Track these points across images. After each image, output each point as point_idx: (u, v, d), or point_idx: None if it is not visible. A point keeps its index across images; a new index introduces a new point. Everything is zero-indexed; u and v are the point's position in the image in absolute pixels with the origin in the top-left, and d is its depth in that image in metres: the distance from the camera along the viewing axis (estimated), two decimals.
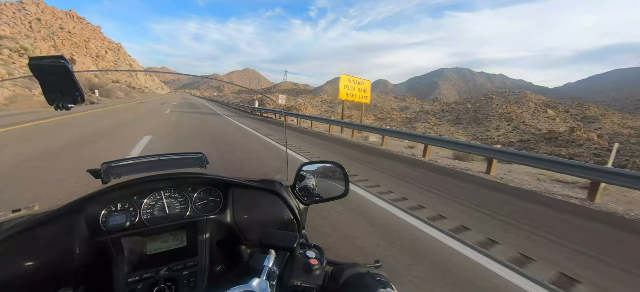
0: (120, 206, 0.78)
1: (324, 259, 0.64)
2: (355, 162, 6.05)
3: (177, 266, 0.73)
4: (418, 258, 2.17)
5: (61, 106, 0.58)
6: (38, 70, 0.53)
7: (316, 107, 52.41)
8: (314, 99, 66.36)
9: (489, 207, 3.55)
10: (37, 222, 0.67)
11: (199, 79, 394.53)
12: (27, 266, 0.63)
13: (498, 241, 2.58)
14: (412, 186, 4.48)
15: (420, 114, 42.82)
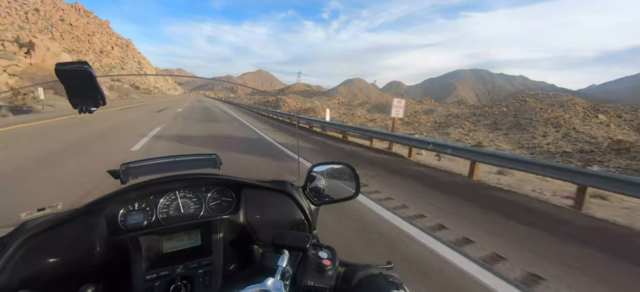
0: (137, 205, 0.81)
1: (336, 260, 0.63)
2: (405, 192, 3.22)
3: (193, 264, 0.75)
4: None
5: (84, 109, 0.60)
6: (63, 76, 0.55)
7: (333, 109, 49.61)
8: (330, 101, 63.60)
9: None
10: (60, 220, 0.71)
11: (211, 81, 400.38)
12: (51, 262, 0.67)
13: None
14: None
15: (449, 117, 39.13)
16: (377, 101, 65.02)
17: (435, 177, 5.36)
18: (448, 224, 2.94)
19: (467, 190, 4.53)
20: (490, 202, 3.89)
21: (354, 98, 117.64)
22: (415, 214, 3.19)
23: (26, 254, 0.65)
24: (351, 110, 49.42)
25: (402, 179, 4.92)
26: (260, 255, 0.89)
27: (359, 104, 56.08)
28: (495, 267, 2.21)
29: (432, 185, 4.68)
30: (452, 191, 4.35)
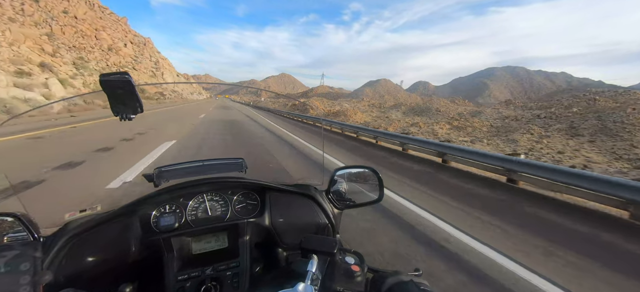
0: (168, 207, 0.84)
1: (364, 265, 0.63)
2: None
3: (221, 266, 0.77)
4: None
5: (124, 117, 0.63)
6: (107, 85, 0.58)
7: (365, 112, 45.48)
8: (360, 103, 59.54)
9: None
10: (100, 221, 0.74)
11: (236, 86, 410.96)
12: (91, 260, 0.70)
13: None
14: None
15: (506, 120, 33.52)
16: (409, 102, 59.86)
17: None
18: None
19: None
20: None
21: (381, 100, 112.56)
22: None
23: (69, 253, 0.69)
24: (385, 113, 45.12)
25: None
26: (284, 258, 0.91)
27: (393, 106, 51.50)
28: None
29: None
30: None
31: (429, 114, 44.97)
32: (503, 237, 2.71)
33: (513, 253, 2.37)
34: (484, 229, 2.86)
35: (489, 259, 2.27)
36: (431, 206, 3.46)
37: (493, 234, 2.75)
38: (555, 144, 23.24)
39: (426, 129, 29.15)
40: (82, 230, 0.72)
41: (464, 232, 2.72)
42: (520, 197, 4.17)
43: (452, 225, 2.88)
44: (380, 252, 2.30)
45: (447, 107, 45.20)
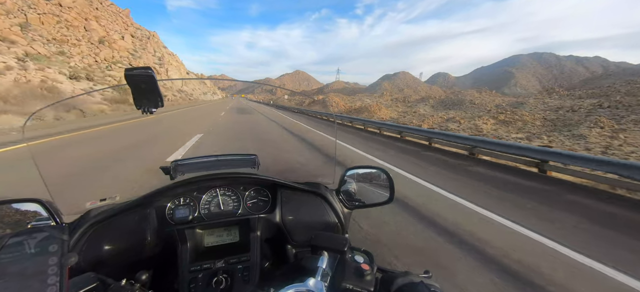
0: (182, 200, 0.88)
1: (374, 265, 0.63)
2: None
3: (232, 260, 0.79)
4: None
5: (146, 110, 0.66)
6: (131, 79, 0.59)
7: (390, 107, 42.07)
8: (382, 98, 56.02)
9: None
10: (119, 210, 0.78)
11: (252, 85, 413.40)
12: (110, 248, 0.74)
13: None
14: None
15: (561, 111, 29.16)
16: (436, 95, 55.54)
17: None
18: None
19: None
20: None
21: (400, 93, 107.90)
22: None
23: (90, 239, 0.73)
24: (412, 107, 41.50)
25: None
26: (293, 255, 0.92)
27: (420, 99, 47.64)
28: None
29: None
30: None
31: (462, 107, 40.94)
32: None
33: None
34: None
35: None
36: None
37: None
38: (638, 139, 19.20)
39: (467, 125, 25.67)
40: (103, 218, 0.76)
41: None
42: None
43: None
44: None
45: (481, 99, 40.92)
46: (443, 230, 2.85)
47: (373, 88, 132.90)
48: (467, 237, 2.72)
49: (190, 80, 60.62)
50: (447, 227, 2.93)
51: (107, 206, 0.83)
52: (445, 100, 42.55)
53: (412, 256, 2.41)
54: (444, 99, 42.83)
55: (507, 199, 3.89)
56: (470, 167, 5.83)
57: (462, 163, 6.24)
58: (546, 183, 4.76)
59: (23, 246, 0.41)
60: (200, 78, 61.44)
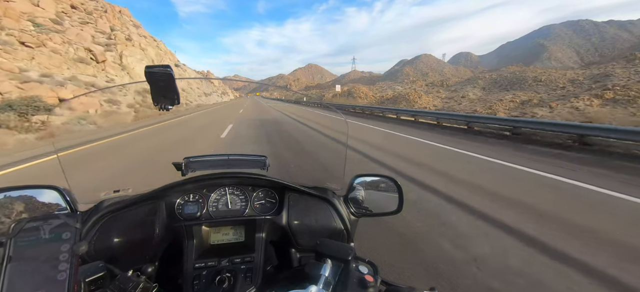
0: (192, 196, 0.90)
1: (378, 277, 0.62)
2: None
3: (236, 259, 0.79)
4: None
5: (163, 107, 0.67)
6: (151, 77, 0.61)
7: (429, 93, 34.94)
8: (414, 84, 48.70)
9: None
10: (130, 202, 0.81)
11: (265, 82, 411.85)
12: (117, 240, 0.76)
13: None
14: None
15: None
16: (471, 76, 47.34)
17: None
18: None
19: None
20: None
21: (425, 77, 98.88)
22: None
23: (101, 229, 0.75)
24: (456, 92, 34.15)
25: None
26: (297, 259, 0.92)
27: (463, 82, 39.95)
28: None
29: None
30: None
31: (525, 86, 33.49)
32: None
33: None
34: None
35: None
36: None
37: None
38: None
39: (563, 109, 18.54)
40: (115, 209, 0.78)
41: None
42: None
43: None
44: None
45: (548, 75, 33.09)
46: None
47: (393, 75, 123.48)
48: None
49: (199, 81, 55.38)
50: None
51: (120, 197, 0.85)
52: (498, 80, 35.19)
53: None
54: (496, 78, 35.48)
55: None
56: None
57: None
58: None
59: (39, 231, 0.43)
60: (205, 77, 52.31)
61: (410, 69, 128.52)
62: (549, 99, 22.19)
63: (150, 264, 0.78)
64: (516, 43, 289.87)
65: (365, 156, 6.46)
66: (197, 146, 8.25)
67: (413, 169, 5.36)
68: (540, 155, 6.45)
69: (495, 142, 8.36)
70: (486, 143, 8.28)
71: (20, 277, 0.40)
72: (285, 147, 7.84)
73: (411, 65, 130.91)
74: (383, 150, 7.22)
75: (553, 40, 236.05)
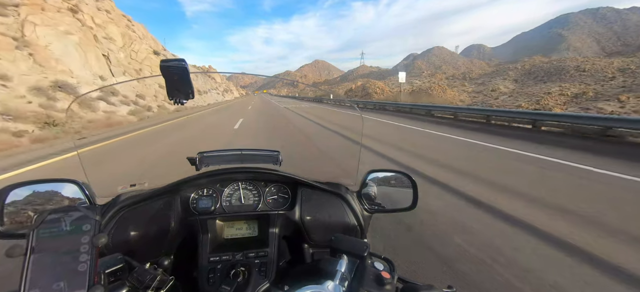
0: (206, 191, 0.90)
1: (395, 274, 0.62)
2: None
3: (250, 253, 0.80)
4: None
5: (178, 101, 0.67)
6: (166, 71, 0.61)
7: (454, 87, 31.65)
8: (434, 77, 45.24)
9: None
10: (147, 196, 0.82)
11: (272, 79, 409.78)
12: (134, 233, 0.77)
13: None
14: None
15: None
16: (514, 67, 43.55)
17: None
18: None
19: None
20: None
21: (438, 70, 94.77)
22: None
23: (119, 222, 0.77)
24: (484, 85, 30.76)
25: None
26: (310, 255, 0.92)
27: (491, 74, 36.47)
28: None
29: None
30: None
31: (563, 77, 29.86)
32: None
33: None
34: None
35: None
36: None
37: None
38: None
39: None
40: (132, 202, 0.80)
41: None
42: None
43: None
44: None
45: (591, 64, 29.32)
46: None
47: (404, 69, 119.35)
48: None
49: (198, 76, 52.06)
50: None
51: (136, 191, 0.86)
52: (533, 70, 31.59)
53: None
54: (530, 69, 31.80)
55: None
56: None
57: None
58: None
59: (60, 222, 0.44)
60: (205, 71, 47.46)
61: (422, 62, 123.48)
62: (604, 90, 18.78)
63: (167, 257, 0.78)
64: (531, 33, 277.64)
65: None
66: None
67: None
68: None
69: (603, 150, 6.21)
70: (592, 152, 5.97)
71: (43, 268, 0.40)
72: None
73: (422, 58, 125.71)
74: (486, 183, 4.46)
75: (571, 29, 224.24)
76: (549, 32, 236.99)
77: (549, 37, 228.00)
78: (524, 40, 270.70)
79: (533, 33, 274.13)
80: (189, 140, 8.72)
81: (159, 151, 6.99)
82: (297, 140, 8.58)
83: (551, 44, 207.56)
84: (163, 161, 5.85)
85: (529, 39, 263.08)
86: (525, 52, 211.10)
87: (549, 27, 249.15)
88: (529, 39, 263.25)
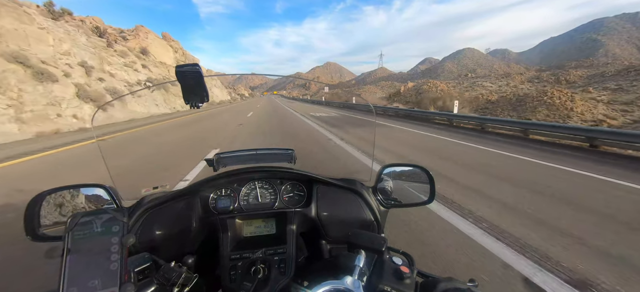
0: (224, 191, 0.92)
1: (414, 268, 0.61)
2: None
3: (270, 251, 0.80)
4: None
5: (193, 105, 0.68)
6: (181, 76, 0.62)
7: (499, 84, 20.20)
8: (513, 79, 33.57)
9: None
10: (169, 197, 0.84)
11: (283, 80, 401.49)
12: (159, 233, 0.79)
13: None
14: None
15: None
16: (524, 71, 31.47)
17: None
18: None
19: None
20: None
21: (473, 73, 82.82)
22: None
23: (144, 223, 0.79)
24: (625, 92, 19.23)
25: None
26: (328, 251, 0.92)
27: (591, 77, 24.81)
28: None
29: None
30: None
31: None
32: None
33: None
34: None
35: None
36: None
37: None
38: None
39: None
40: (155, 204, 0.82)
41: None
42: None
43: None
44: None
45: None
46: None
47: (432, 72, 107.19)
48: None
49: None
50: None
51: (159, 193, 0.88)
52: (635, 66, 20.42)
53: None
54: (629, 66, 20.62)
55: None
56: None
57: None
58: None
59: (92, 224, 0.46)
60: (217, 74, 40.71)
61: (452, 63, 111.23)
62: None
63: (190, 256, 0.81)
64: (560, 39, 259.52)
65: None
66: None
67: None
68: None
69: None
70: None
71: (79, 267, 0.43)
72: None
73: (454, 60, 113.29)
74: None
75: (608, 34, 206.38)
76: (581, 37, 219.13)
77: (581, 42, 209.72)
78: (552, 45, 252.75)
79: (562, 38, 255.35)
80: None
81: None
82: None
83: (586, 50, 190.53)
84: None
85: (558, 44, 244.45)
86: (555, 57, 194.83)
87: (580, 32, 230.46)
88: (557, 44, 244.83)
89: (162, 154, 6.27)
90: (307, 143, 7.51)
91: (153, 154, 6.33)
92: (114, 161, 5.36)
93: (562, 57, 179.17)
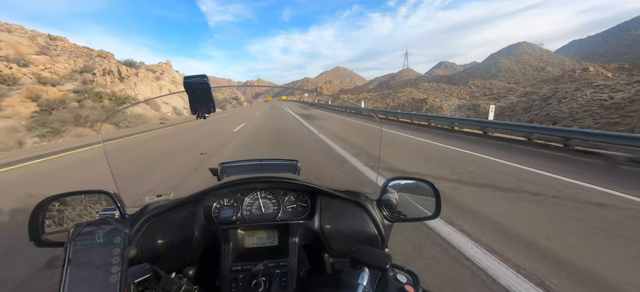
0: (227, 201, 0.91)
1: (418, 287, 0.59)
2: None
3: (271, 264, 0.79)
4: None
5: (200, 115, 0.69)
6: (189, 87, 0.63)
7: None
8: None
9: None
10: (172, 205, 0.83)
11: (290, 86, 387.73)
12: (160, 242, 0.78)
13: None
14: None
15: None
16: None
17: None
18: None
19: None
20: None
21: (537, 72, 65.58)
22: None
23: (147, 231, 0.78)
24: None
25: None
26: (330, 265, 0.90)
27: None
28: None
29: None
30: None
31: None
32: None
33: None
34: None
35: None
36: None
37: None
38: None
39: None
40: (159, 212, 0.81)
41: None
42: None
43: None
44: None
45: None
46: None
47: (485, 68, 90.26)
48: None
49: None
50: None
51: (162, 201, 0.87)
52: None
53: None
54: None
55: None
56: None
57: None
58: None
59: (94, 235, 0.46)
60: (224, 86, 59.02)
61: (506, 60, 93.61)
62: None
63: (191, 267, 0.82)
64: (594, 39, 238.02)
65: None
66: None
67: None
68: None
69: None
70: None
71: (78, 280, 0.43)
72: None
73: (510, 55, 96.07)
74: None
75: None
76: (621, 36, 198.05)
77: (622, 41, 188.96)
78: (585, 45, 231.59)
79: (595, 38, 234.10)
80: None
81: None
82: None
83: (631, 50, 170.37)
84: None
85: (589, 43, 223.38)
86: (590, 58, 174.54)
87: (622, 31, 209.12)
88: (588, 44, 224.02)
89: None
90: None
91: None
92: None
93: (594, 58, 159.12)
